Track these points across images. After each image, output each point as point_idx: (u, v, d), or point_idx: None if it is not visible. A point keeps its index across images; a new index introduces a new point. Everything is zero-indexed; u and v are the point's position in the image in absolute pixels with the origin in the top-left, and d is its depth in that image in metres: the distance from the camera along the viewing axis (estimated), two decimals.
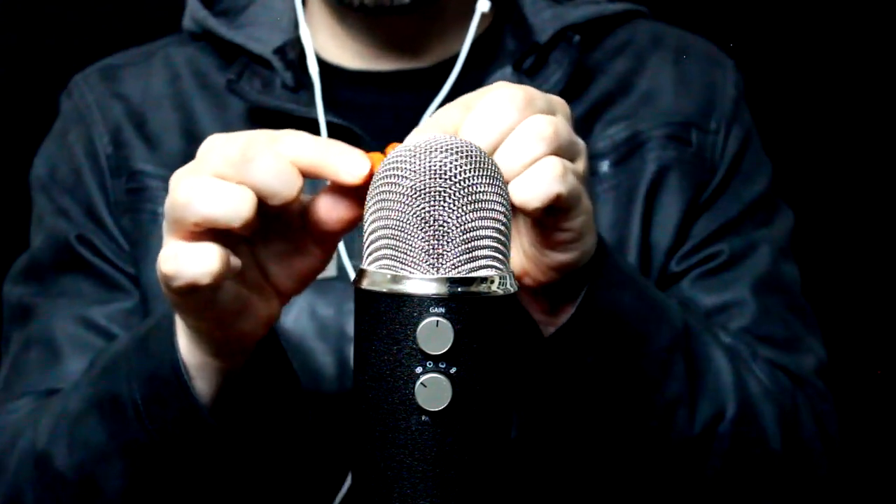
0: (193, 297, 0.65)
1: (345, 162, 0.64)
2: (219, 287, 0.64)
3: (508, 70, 0.95)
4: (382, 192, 0.58)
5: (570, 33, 0.96)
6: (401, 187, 0.57)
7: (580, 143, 0.69)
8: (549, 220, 0.67)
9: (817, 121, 1.51)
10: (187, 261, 0.63)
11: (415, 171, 0.57)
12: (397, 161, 0.58)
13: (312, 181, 0.69)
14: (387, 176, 0.58)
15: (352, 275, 0.91)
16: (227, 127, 0.96)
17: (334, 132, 0.93)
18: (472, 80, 0.95)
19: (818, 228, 1.46)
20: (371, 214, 0.59)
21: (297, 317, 0.91)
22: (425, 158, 0.57)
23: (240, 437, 0.75)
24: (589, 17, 0.98)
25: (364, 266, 0.59)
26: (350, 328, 0.90)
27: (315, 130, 0.93)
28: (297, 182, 0.63)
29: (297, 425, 0.78)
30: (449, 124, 0.65)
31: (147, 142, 0.98)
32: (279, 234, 0.68)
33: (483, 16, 0.97)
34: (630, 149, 0.96)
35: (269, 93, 0.95)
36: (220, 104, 0.98)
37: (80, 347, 0.93)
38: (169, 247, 0.64)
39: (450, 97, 0.95)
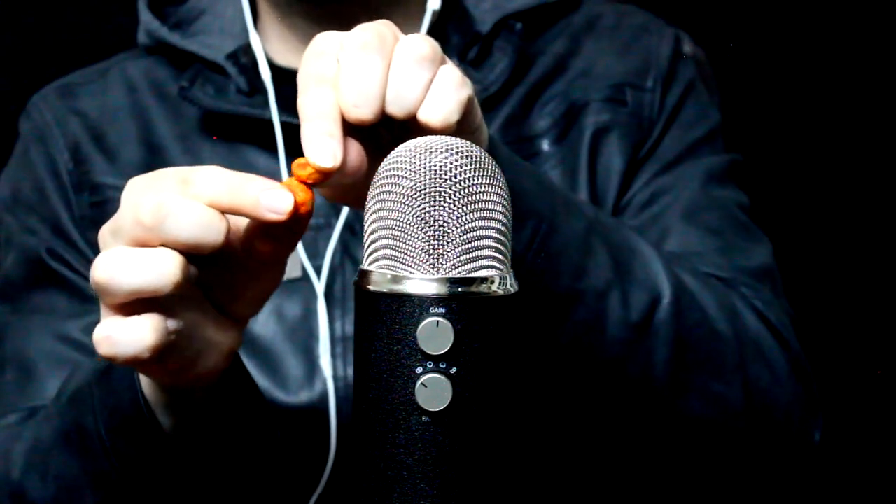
0: (140, 366, 0.63)
1: (265, 199, 0.60)
2: (164, 349, 0.61)
3: (454, 62, 0.95)
4: (382, 192, 0.58)
5: (511, 21, 0.97)
6: (401, 187, 0.57)
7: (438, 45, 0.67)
8: (463, 125, 0.65)
9: (817, 117, 1.51)
10: (122, 339, 0.60)
11: (415, 172, 0.57)
12: (397, 161, 0.58)
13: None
14: (387, 176, 0.58)
15: (313, 276, 0.91)
16: (184, 135, 0.97)
17: (290, 132, 0.93)
18: None
19: (818, 229, 1.46)
20: (371, 215, 0.59)
21: (265, 321, 0.91)
22: (425, 158, 0.57)
23: (206, 457, 0.73)
24: (529, 6, 0.99)
25: (364, 266, 0.59)
26: (316, 328, 0.90)
27: (270, 131, 0.94)
28: (220, 226, 0.60)
29: (265, 438, 0.77)
30: (326, 108, 0.62)
31: (106, 154, 0.98)
32: (222, 269, 0.64)
33: (433, 13, 0.97)
34: (568, 121, 0.97)
35: (224, 98, 0.96)
36: (175, 112, 0.99)
37: (56, 363, 0.92)
38: (102, 325, 0.61)
39: None
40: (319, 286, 0.91)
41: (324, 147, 0.61)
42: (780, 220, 1.04)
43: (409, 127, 0.64)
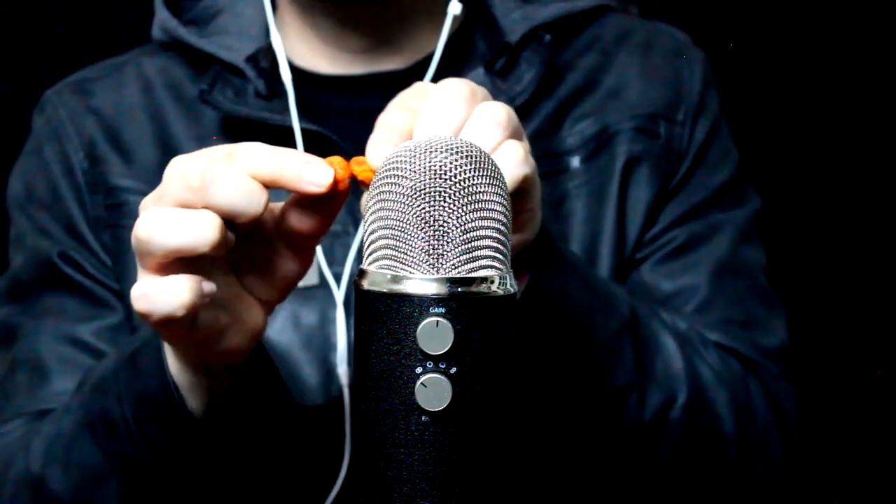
0: (173, 328, 0.64)
1: (306, 172, 0.63)
2: (197, 314, 0.64)
3: (481, 71, 0.95)
4: (382, 192, 0.58)
5: (540, 32, 0.97)
6: (401, 187, 0.57)
7: (518, 120, 0.70)
8: (514, 202, 0.67)
9: (817, 117, 1.51)
10: (159, 297, 0.62)
11: (415, 172, 0.57)
12: (397, 161, 0.58)
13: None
14: (387, 176, 0.58)
15: (332, 283, 0.91)
16: (202, 137, 0.96)
17: (309, 139, 0.93)
18: None
19: (818, 228, 1.46)
20: (371, 214, 0.59)
21: (281, 327, 0.91)
22: (425, 158, 0.57)
23: (230, 448, 0.75)
24: (558, 16, 0.98)
25: (364, 266, 0.59)
26: (333, 336, 0.90)
27: (290, 137, 0.93)
28: (262, 197, 0.63)
29: (286, 434, 0.78)
30: (401, 126, 0.66)
31: (122, 155, 0.97)
32: (255, 247, 0.68)
33: (454, 17, 0.97)
34: (600, 144, 0.97)
35: (242, 102, 0.94)
36: (193, 115, 0.97)
37: (67, 366, 0.92)
38: (140, 283, 0.63)
39: None
40: (339, 293, 0.91)
41: (383, 152, 0.64)
42: (780, 219, 1.04)
43: None
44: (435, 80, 0.94)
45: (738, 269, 0.97)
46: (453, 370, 0.56)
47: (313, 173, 0.63)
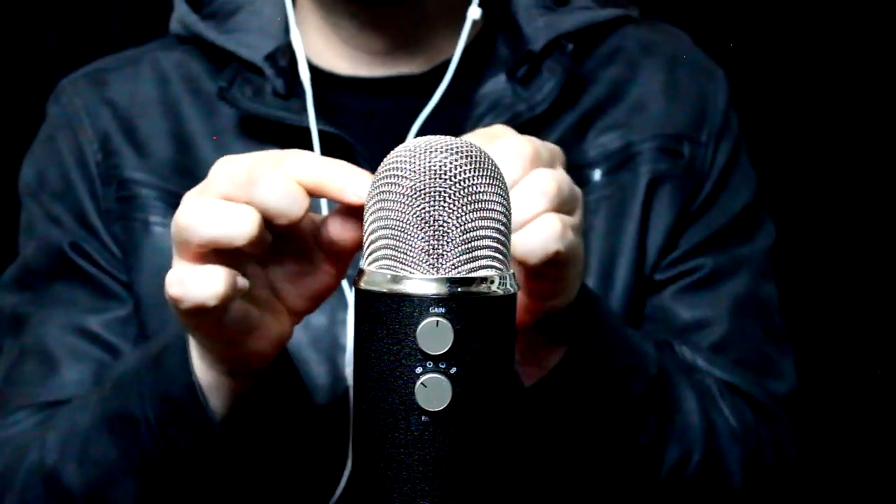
0: (202, 318, 0.65)
1: (350, 182, 0.64)
2: (227, 307, 0.65)
3: (502, 78, 0.95)
4: (382, 192, 0.58)
5: (563, 41, 0.96)
6: (401, 187, 0.57)
7: (578, 193, 0.70)
8: (545, 271, 0.68)
9: (817, 117, 1.51)
10: (193, 284, 0.63)
11: (415, 171, 0.57)
12: (397, 161, 0.58)
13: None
14: (387, 176, 0.58)
15: (345, 284, 0.91)
16: (218, 134, 0.96)
17: (325, 140, 0.92)
18: (464, 87, 0.95)
19: (819, 228, 1.46)
20: (371, 214, 0.59)
21: None
22: (425, 158, 0.57)
23: (247, 449, 0.75)
24: (582, 25, 0.98)
25: (364, 266, 0.59)
26: (342, 337, 0.90)
27: (306, 138, 0.92)
28: (304, 201, 0.64)
29: (295, 434, 0.78)
30: None
31: (136, 149, 0.97)
32: (291, 254, 0.69)
33: (474, 22, 0.97)
34: (622, 159, 0.96)
35: (260, 100, 0.94)
36: (210, 111, 0.97)
37: (76, 357, 0.92)
38: (175, 270, 0.64)
39: (441, 104, 0.95)
40: (350, 295, 0.90)
41: None
42: (780, 219, 1.04)
43: None
44: (453, 84, 0.95)
45: (756, 309, 0.97)
46: (453, 370, 0.56)
47: (358, 185, 0.64)
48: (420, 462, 0.57)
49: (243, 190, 0.63)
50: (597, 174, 0.96)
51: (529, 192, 0.66)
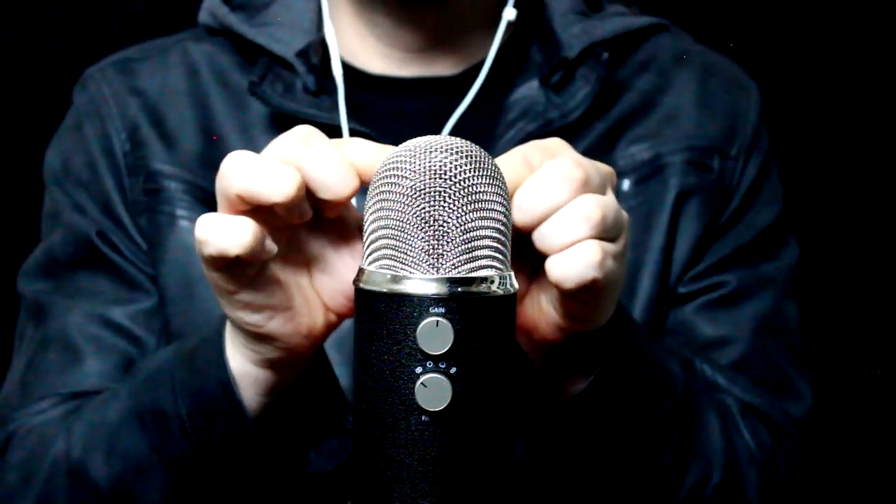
0: (225, 272, 0.64)
1: None
2: (251, 266, 0.64)
3: (535, 83, 0.94)
4: (382, 192, 0.58)
5: (598, 49, 0.95)
6: (401, 187, 0.57)
7: (624, 219, 0.68)
8: (581, 296, 0.66)
9: (817, 117, 1.51)
10: (221, 229, 0.63)
11: (415, 171, 0.57)
12: (397, 161, 0.58)
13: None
14: (387, 176, 0.58)
15: None
16: (247, 128, 0.95)
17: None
18: (496, 91, 0.95)
19: (819, 228, 1.46)
20: (371, 214, 0.59)
21: None
22: (425, 158, 0.57)
23: (280, 450, 0.75)
24: (617, 33, 0.97)
25: (364, 266, 0.59)
26: None
27: (336, 136, 0.92)
28: (352, 181, 0.63)
29: (335, 441, 0.78)
30: (511, 176, 0.65)
31: (164, 140, 0.96)
32: (335, 250, 0.69)
33: (508, 25, 0.96)
34: (652, 170, 0.95)
35: (291, 97, 0.93)
36: (239, 105, 0.96)
37: (100, 348, 0.91)
38: (208, 214, 0.64)
39: (473, 107, 0.94)
40: None
41: None
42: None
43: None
44: (485, 87, 0.95)
45: (778, 329, 0.97)
46: (453, 370, 0.56)
47: None
48: (420, 462, 0.57)
49: (295, 154, 0.63)
50: (625, 184, 0.95)
51: (573, 218, 0.64)
